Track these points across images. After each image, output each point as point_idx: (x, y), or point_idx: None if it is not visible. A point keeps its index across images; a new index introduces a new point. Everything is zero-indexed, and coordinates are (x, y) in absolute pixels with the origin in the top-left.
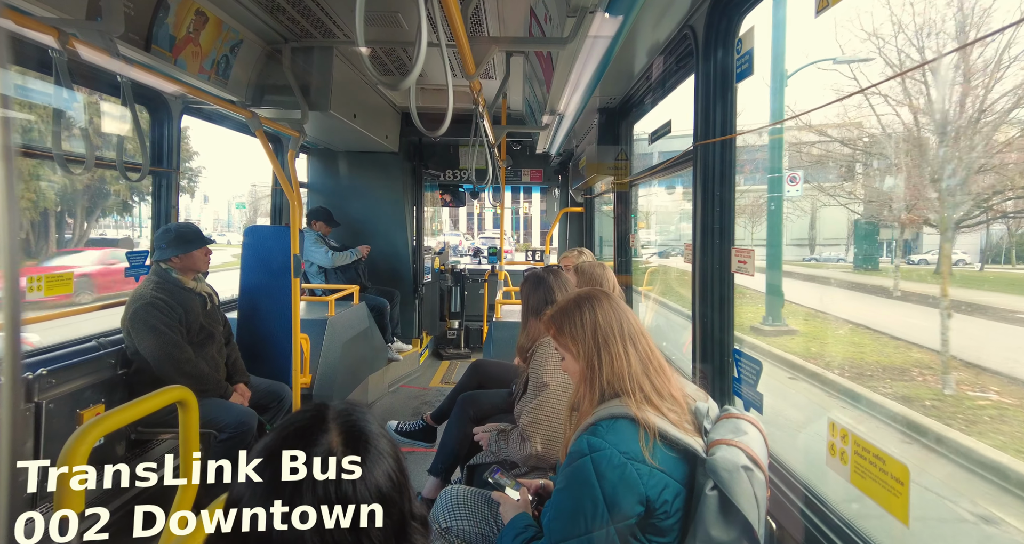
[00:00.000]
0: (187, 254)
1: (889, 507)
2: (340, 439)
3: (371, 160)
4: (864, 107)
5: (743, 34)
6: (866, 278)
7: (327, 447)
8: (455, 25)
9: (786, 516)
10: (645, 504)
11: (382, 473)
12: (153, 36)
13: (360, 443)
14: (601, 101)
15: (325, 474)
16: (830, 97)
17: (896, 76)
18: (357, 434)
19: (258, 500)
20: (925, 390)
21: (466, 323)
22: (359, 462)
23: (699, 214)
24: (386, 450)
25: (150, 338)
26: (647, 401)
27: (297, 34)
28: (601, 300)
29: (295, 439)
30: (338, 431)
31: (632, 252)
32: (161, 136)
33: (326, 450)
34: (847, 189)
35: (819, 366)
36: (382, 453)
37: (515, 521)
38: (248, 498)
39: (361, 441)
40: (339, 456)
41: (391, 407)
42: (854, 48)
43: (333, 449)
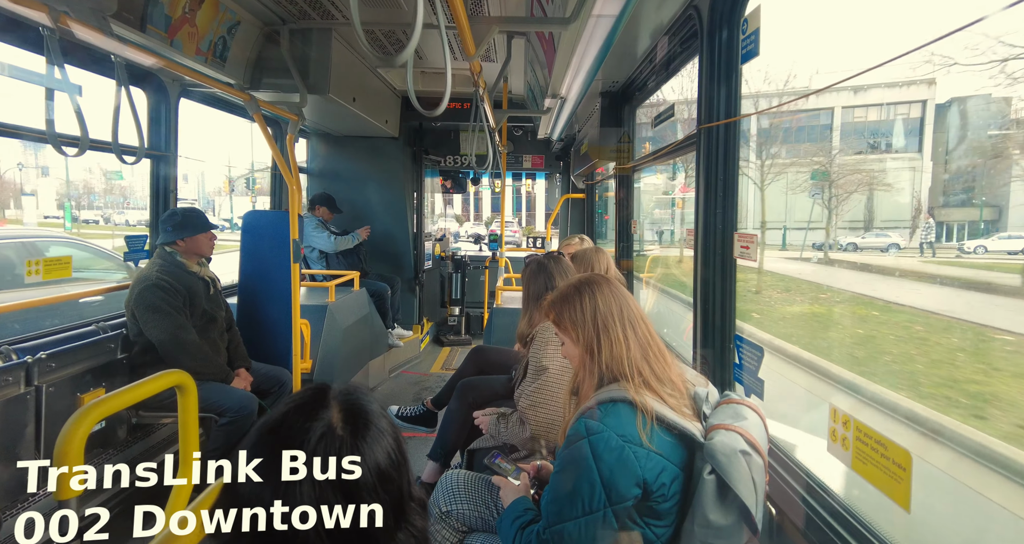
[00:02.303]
0: (192, 238)
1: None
2: (341, 416)
3: (371, 145)
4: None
5: (749, 14)
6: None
7: (327, 422)
8: (454, 4)
9: (786, 501)
10: (642, 487)
11: (381, 450)
12: (148, 15)
13: (360, 420)
14: (604, 84)
15: (325, 449)
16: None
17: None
18: (357, 411)
19: (258, 474)
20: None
21: (467, 309)
22: (359, 438)
23: (702, 199)
24: (386, 429)
25: (155, 319)
26: (646, 385)
27: (295, 15)
28: (601, 285)
29: (296, 414)
30: (339, 408)
31: (633, 237)
32: (159, 119)
33: (326, 425)
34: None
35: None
36: (382, 431)
37: (514, 505)
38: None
39: (361, 418)
40: (339, 431)
41: (392, 392)
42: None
43: (333, 424)
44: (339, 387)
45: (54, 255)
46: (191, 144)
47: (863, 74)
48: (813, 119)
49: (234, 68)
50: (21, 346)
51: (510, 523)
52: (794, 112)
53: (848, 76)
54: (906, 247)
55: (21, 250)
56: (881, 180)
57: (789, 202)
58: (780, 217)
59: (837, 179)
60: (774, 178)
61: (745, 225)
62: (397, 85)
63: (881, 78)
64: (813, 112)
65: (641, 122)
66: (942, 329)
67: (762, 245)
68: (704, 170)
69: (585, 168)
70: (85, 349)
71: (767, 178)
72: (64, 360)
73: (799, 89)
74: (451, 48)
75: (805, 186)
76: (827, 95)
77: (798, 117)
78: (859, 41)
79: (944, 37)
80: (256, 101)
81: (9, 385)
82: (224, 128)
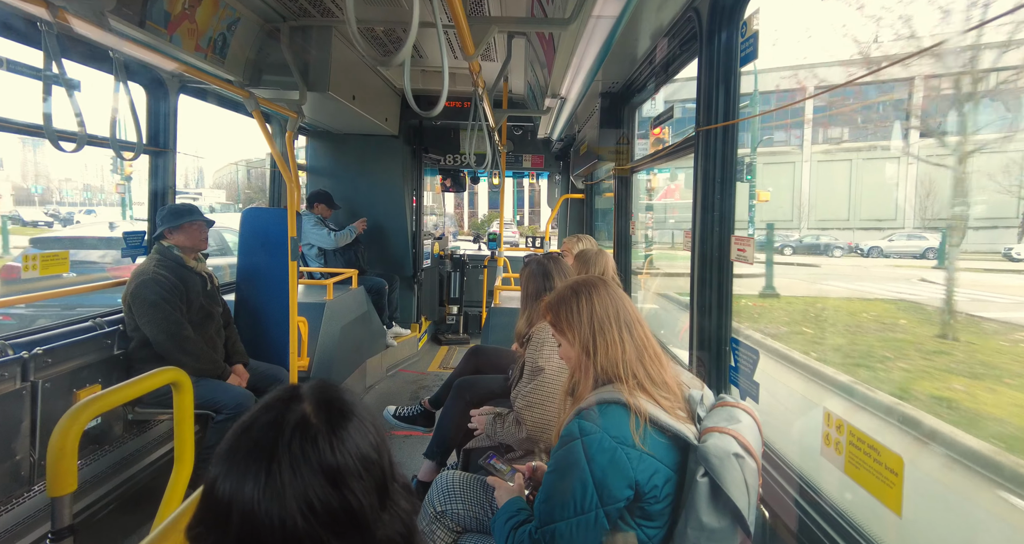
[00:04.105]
0: (178, 228)
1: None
2: (313, 407)
3: (370, 143)
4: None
5: (748, 17)
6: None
7: (300, 413)
8: (453, 4)
9: (780, 504)
10: (634, 488)
11: (359, 434)
12: (147, 11)
13: (334, 407)
14: (603, 85)
15: (302, 437)
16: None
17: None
18: (330, 400)
19: (237, 469)
20: None
21: (465, 308)
22: (335, 424)
23: (699, 201)
24: (362, 415)
25: (151, 313)
26: (640, 388)
27: (295, 12)
28: (598, 287)
29: (267, 410)
30: (311, 400)
31: (632, 238)
32: (157, 115)
33: (299, 416)
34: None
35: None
36: (359, 417)
37: (508, 505)
38: (226, 469)
39: (335, 406)
40: (313, 419)
41: (389, 391)
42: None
43: (307, 414)
44: (309, 383)
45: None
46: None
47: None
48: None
49: (234, 65)
50: (17, 341)
51: (503, 523)
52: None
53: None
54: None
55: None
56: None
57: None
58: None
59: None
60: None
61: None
62: (397, 83)
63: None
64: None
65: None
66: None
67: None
68: (702, 172)
69: (585, 168)
70: (81, 345)
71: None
72: (60, 356)
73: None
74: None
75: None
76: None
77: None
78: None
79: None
80: (255, 98)
81: (5, 381)
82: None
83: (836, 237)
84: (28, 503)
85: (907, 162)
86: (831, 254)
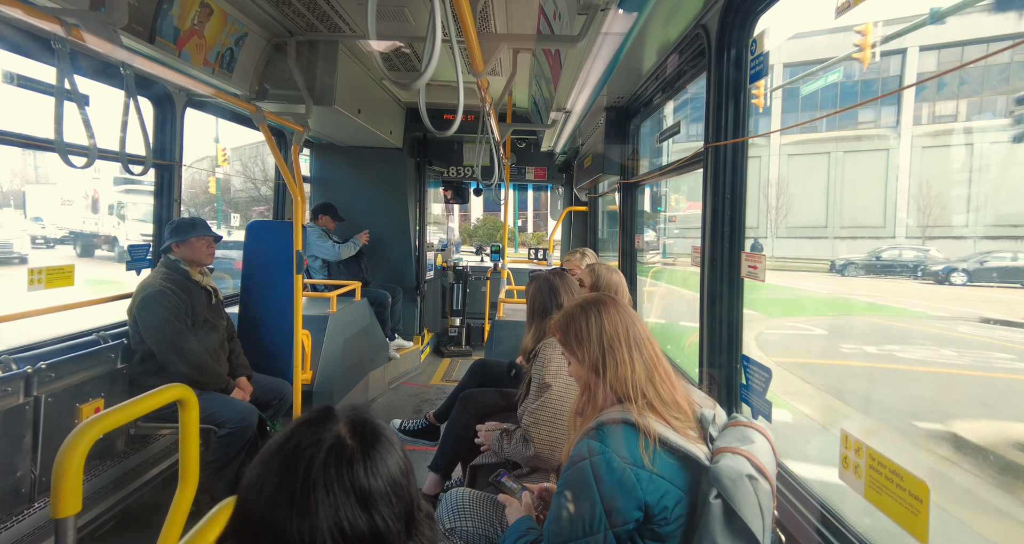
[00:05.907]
0: (186, 242)
1: (907, 526)
2: (348, 429)
3: (375, 155)
4: None
5: (757, 35)
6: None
7: (336, 434)
8: (464, 22)
9: (797, 528)
10: (644, 510)
11: (392, 459)
12: (157, 27)
13: (368, 431)
14: (609, 99)
15: (337, 459)
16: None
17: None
18: (364, 423)
19: (270, 487)
20: None
21: (468, 321)
22: (369, 447)
23: (708, 217)
24: (392, 439)
25: (156, 325)
26: (650, 407)
27: (303, 27)
28: (608, 306)
29: (304, 429)
30: (346, 422)
31: (637, 253)
32: (164, 129)
33: (335, 437)
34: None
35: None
36: (390, 441)
37: (518, 524)
38: (260, 487)
39: (368, 429)
40: (349, 441)
41: (392, 404)
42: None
43: (342, 436)
44: (343, 405)
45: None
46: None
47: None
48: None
49: (241, 79)
50: (21, 355)
51: (512, 541)
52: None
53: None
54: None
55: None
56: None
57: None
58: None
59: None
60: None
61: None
62: (402, 97)
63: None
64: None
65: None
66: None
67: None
68: (712, 189)
69: (588, 181)
70: (85, 359)
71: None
72: (64, 370)
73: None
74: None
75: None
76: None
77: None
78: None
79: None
80: (262, 112)
81: (8, 395)
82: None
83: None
84: (28, 520)
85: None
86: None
